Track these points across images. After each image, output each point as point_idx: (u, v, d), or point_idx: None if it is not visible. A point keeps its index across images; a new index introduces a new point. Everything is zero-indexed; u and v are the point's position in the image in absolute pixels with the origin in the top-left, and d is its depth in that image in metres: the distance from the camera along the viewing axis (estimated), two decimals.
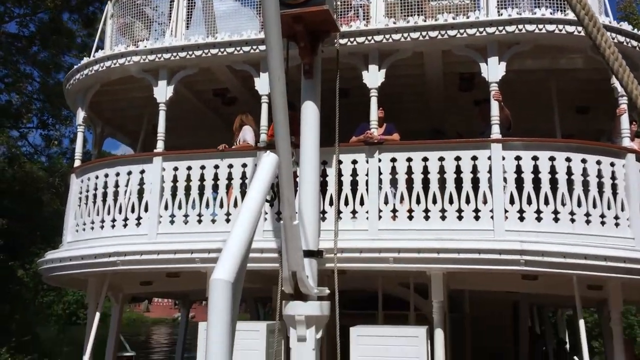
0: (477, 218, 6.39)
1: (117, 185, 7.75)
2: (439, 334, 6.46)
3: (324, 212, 6.72)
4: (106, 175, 7.83)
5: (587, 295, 7.01)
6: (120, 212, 7.65)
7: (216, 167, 7.29)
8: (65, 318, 36.62)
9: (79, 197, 8.25)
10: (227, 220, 7.10)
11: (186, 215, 7.34)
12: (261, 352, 6.49)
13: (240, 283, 4.50)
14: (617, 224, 6.34)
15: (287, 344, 6.56)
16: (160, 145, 7.56)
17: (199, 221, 7.26)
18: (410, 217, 6.57)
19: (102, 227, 7.76)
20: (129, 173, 7.69)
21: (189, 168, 7.39)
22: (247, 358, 6.34)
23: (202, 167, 7.33)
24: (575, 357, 13.48)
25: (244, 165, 7.17)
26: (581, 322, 6.42)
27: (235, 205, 7.10)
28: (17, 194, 21.18)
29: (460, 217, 6.44)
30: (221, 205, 7.22)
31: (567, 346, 15.84)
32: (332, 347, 7.23)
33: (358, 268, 6.61)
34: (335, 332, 6.20)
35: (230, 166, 7.23)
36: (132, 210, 7.60)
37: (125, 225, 7.59)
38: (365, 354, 6.18)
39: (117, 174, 7.75)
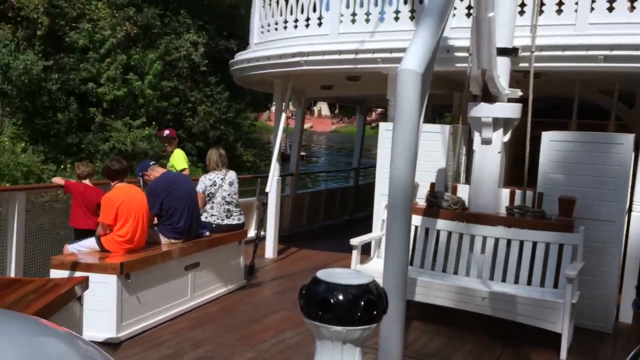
0: None
1: None
2: None
3: (522, 4, 5.94)
4: None
5: None
6: (302, 11, 7.59)
7: None
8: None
9: None
10: (412, 18, 6.66)
11: (368, 14, 7.03)
12: (441, 152, 6.40)
13: (427, 78, 4.22)
14: None
15: (469, 146, 6.37)
16: None
17: (381, 19, 6.92)
18: (632, 8, 5.53)
19: (285, 27, 7.82)
20: None
21: None
22: (428, 157, 6.31)
23: None
24: None
25: None
26: None
27: (421, 1, 6.58)
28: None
29: None
30: (405, 1, 6.73)
31: None
32: (516, 152, 6.90)
33: (559, 68, 5.89)
34: (525, 137, 5.81)
35: None
36: (314, 10, 7.48)
37: (307, 26, 7.57)
38: (557, 160, 5.76)
39: None
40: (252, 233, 8.63)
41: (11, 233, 5.91)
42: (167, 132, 8.00)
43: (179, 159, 7.79)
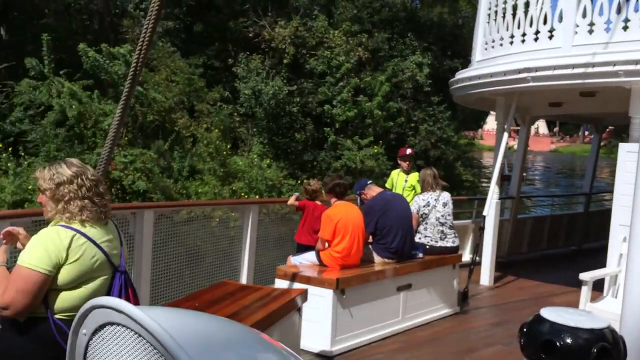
0: None
1: None
2: None
3: None
4: None
5: None
6: (531, 25, 7.15)
7: None
8: None
9: (487, 13, 8.03)
10: None
11: (608, 22, 6.32)
12: None
13: None
14: None
15: None
16: None
17: (625, 28, 6.16)
18: None
19: (511, 42, 7.44)
20: None
21: None
22: None
23: None
24: None
25: None
26: None
27: None
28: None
29: None
30: None
31: None
32: None
33: None
34: None
35: None
36: (545, 22, 6.99)
37: (536, 39, 7.10)
38: None
39: None
40: (466, 257, 8.31)
41: (245, 241, 6.53)
42: (409, 150, 8.15)
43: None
